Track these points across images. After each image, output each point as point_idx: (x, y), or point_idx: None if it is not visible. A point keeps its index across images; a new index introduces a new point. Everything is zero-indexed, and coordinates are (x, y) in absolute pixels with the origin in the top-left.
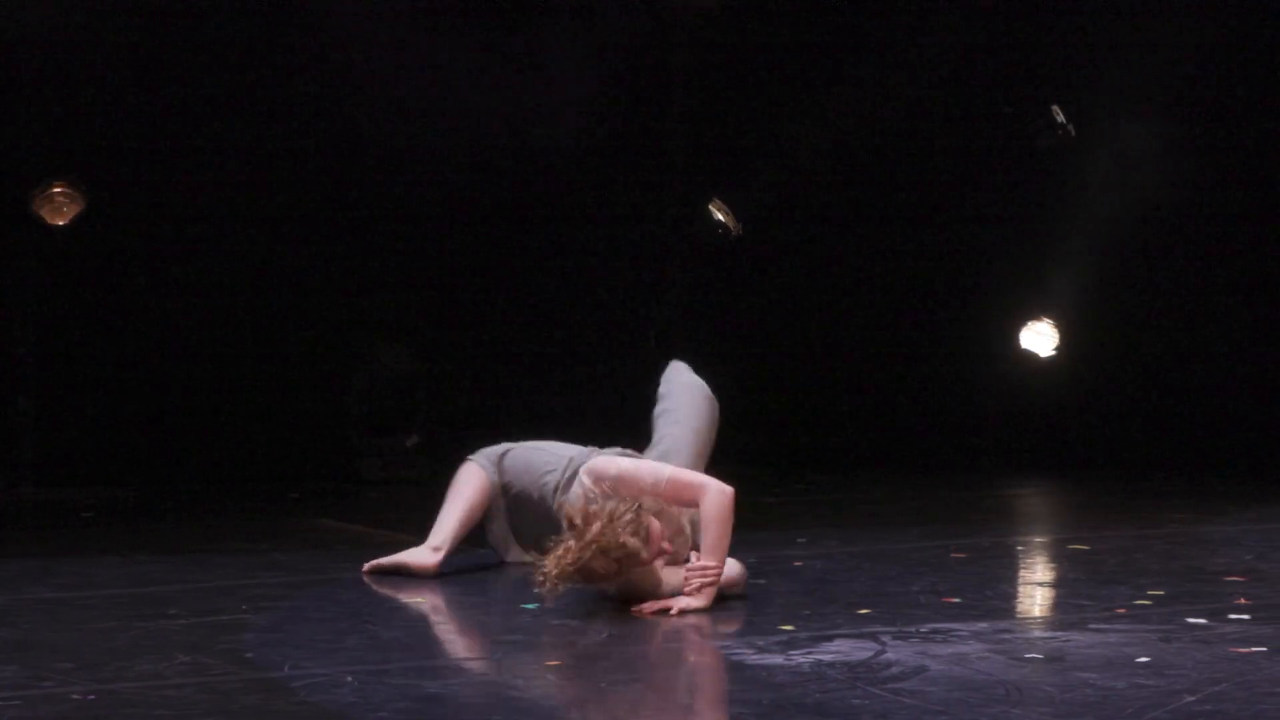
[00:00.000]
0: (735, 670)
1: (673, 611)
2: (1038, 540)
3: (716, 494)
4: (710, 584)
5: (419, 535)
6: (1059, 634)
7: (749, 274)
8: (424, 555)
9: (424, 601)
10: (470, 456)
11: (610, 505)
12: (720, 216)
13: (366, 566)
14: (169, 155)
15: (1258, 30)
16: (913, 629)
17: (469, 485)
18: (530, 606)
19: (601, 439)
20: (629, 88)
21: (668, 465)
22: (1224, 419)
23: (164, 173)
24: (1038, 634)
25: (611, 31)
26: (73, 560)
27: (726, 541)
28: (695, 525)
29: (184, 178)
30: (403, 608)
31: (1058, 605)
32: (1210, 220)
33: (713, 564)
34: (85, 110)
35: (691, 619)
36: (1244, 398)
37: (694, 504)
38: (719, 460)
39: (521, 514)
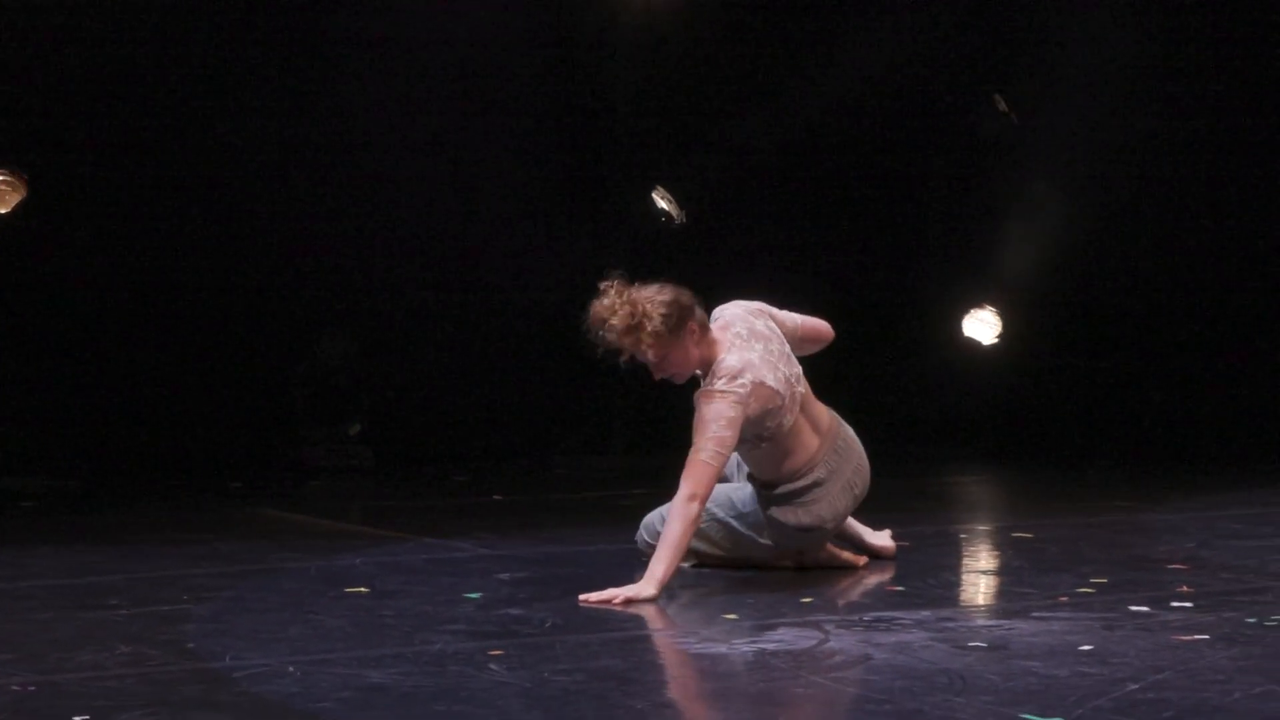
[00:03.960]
0: (679, 660)
1: (616, 601)
2: (981, 528)
3: (679, 508)
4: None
5: (361, 524)
6: (1002, 622)
7: (692, 262)
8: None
9: (366, 591)
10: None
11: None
12: (664, 205)
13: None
14: (112, 144)
15: (1198, 21)
16: (856, 617)
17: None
18: (473, 596)
19: (545, 429)
20: (574, 75)
21: (710, 449)
22: (1166, 406)
23: (107, 161)
24: (981, 622)
25: (557, 18)
26: (12, 550)
27: (675, 547)
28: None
29: (128, 167)
30: (345, 597)
31: (1001, 593)
32: (1151, 207)
33: (660, 572)
34: (25, 98)
35: (635, 609)
36: (1186, 385)
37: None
38: (655, 449)
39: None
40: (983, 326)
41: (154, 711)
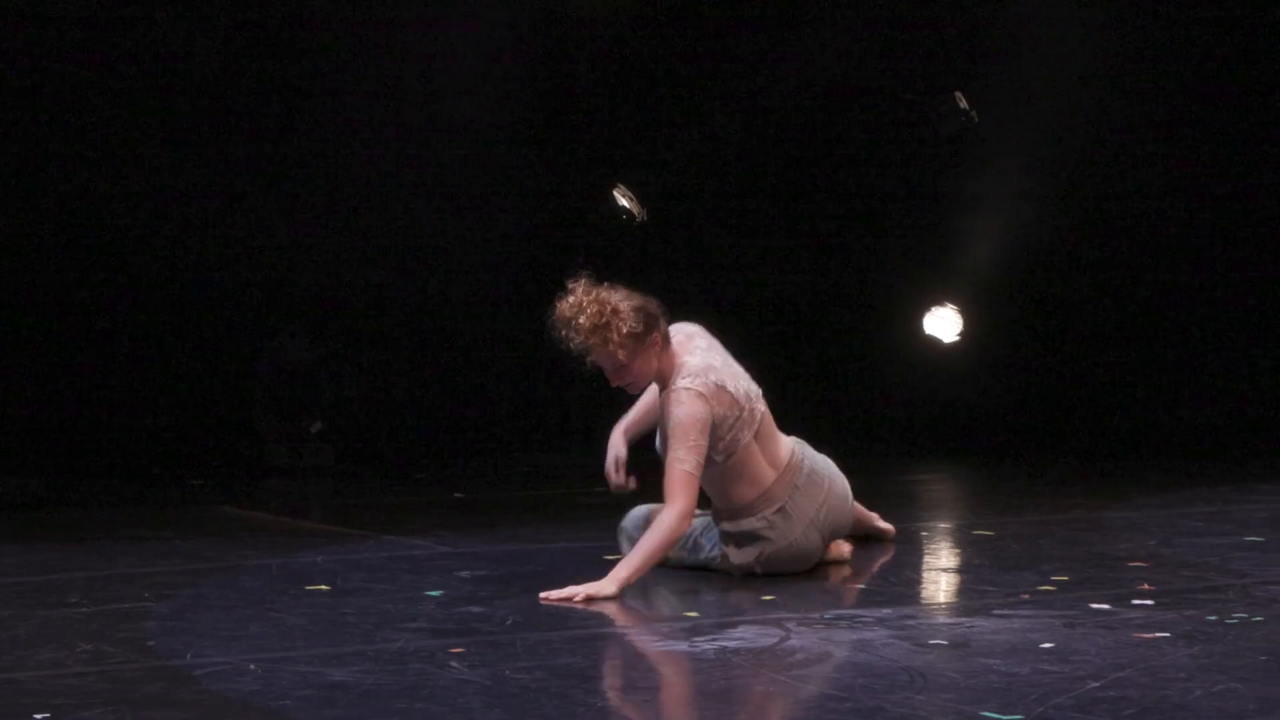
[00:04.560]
0: (640, 657)
1: (577, 599)
2: (942, 526)
3: (667, 521)
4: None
5: (322, 522)
6: (963, 620)
7: (652, 260)
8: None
9: (328, 588)
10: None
11: (631, 305)
12: (624, 202)
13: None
14: (69, 142)
15: (1162, 15)
16: (817, 615)
17: None
18: (434, 594)
19: (505, 427)
20: (536, 71)
21: (691, 460)
22: (1126, 404)
23: (65, 160)
24: (942, 620)
25: (521, 17)
26: None
27: (649, 557)
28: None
29: (86, 166)
30: (306, 595)
31: (962, 591)
32: (1112, 204)
33: (628, 573)
34: None
35: (596, 607)
36: (1147, 383)
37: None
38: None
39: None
40: (943, 324)
41: (115, 709)
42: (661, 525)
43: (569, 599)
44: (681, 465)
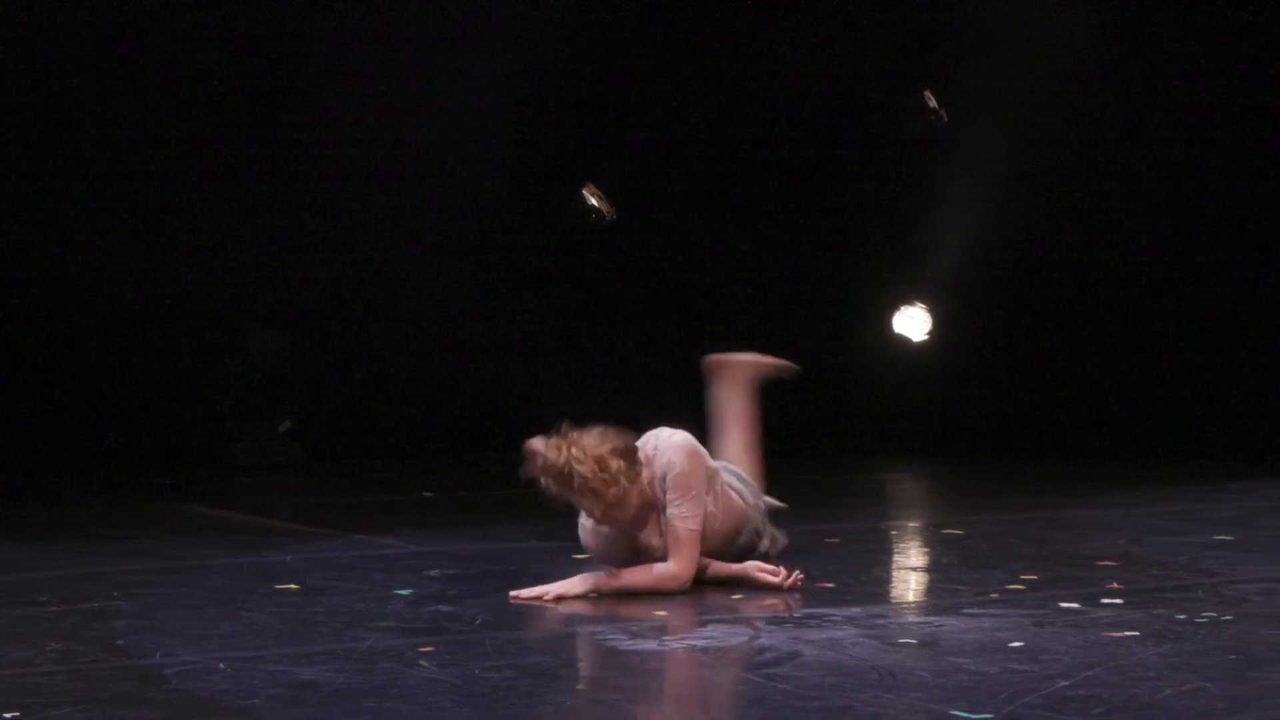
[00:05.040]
0: (609, 656)
1: (547, 598)
2: (911, 525)
3: (675, 574)
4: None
5: (291, 521)
6: (932, 619)
7: (621, 259)
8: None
9: (297, 587)
10: None
11: (618, 453)
12: (594, 202)
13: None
14: (34, 141)
15: (1130, 13)
16: (786, 614)
17: None
18: (404, 593)
19: (474, 425)
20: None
21: (694, 520)
22: (1096, 403)
23: (30, 159)
24: (911, 619)
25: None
26: None
27: (635, 588)
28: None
29: (54, 161)
30: (275, 594)
31: (931, 590)
32: (1082, 202)
33: (607, 585)
34: None
35: (566, 606)
36: (1116, 382)
37: (665, 554)
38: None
39: None
40: (912, 323)
41: (84, 708)
42: (661, 577)
43: (539, 598)
44: (688, 522)
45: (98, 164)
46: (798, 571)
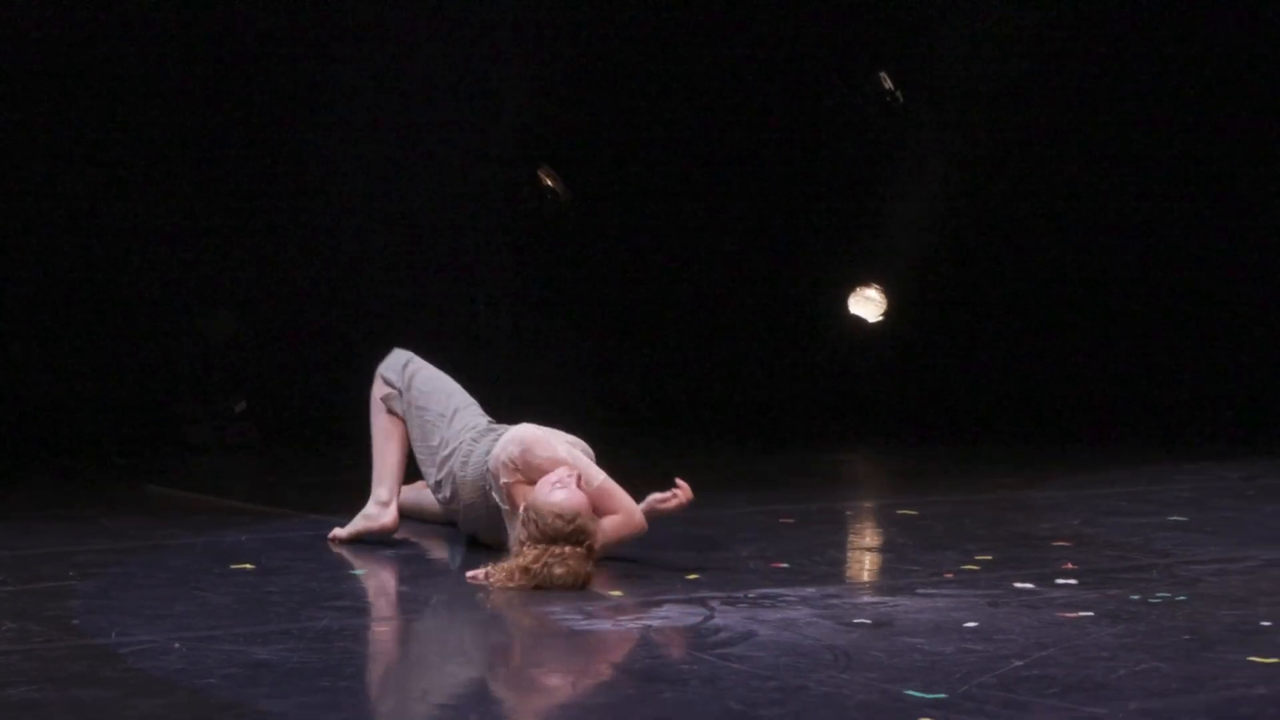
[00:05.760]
0: (564, 636)
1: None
2: (865, 505)
3: (627, 518)
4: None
5: (246, 500)
6: (887, 599)
7: (579, 242)
8: (379, 516)
9: (253, 567)
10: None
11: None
12: (550, 183)
13: (333, 540)
14: None
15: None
16: (741, 594)
17: (394, 424)
18: (358, 573)
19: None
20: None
21: (590, 469)
22: (1050, 385)
23: None
24: (866, 599)
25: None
26: None
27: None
28: None
29: (2, 142)
30: (231, 574)
31: (885, 570)
32: (1037, 184)
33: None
34: None
35: (519, 582)
36: (1069, 363)
37: (611, 513)
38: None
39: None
40: (868, 305)
41: (39, 688)
42: (620, 527)
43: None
44: (592, 481)
45: (51, 144)
46: (677, 479)
